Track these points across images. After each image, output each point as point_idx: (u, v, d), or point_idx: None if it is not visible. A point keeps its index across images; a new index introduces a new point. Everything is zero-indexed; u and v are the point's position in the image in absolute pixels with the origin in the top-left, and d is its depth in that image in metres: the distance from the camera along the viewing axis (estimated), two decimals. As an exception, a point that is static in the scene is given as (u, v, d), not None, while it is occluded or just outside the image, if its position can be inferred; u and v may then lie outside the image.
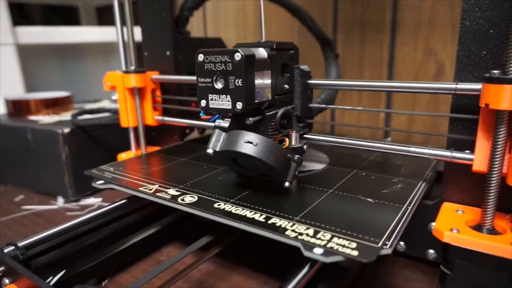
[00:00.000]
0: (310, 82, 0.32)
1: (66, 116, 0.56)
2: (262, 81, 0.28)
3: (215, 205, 0.27)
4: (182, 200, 0.28)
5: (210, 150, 0.29)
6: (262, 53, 0.28)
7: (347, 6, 0.62)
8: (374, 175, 0.33)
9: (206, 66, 0.27)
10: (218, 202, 0.28)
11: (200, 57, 0.28)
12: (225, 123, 0.29)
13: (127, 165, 0.38)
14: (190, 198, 0.28)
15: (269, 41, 0.29)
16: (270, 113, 0.29)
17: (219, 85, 0.27)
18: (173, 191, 0.30)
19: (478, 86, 0.24)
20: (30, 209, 0.47)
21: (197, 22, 0.85)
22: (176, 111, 0.45)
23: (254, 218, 0.25)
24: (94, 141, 0.51)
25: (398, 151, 0.29)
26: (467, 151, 0.27)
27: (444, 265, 0.26)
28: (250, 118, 0.28)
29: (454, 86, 0.26)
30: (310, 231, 0.23)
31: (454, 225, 0.26)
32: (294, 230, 0.23)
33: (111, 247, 0.32)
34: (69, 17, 1.11)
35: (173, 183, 0.32)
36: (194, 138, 0.50)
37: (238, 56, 0.25)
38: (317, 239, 0.22)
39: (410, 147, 0.29)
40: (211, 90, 0.27)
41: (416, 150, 0.28)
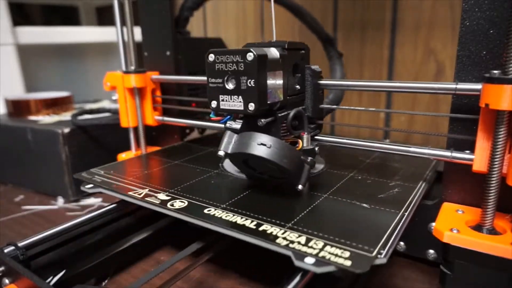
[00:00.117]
0: (321, 82, 0.31)
1: (66, 116, 0.56)
2: (274, 81, 0.27)
3: (205, 210, 0.26)
4: (172, 205, 0.27)
5: (221, 152, 0.28)
6: (274, 53, 0.27)
7: (347, 6, 0.62)
8: (371, 179, 0.32)
9: (217, 66, 0.27)
10: (209, 207, 0.27)
11: (210, 57, 0.27)
12: (236, 125, 0.29)
13: (119, 168, 0.37)
14: (180, 203, 0.28)
15: (280, 40, 0.29)
16: (282, 114, 0.28)
17: (231, 85, 0.26)
18: (163, 196, 0.29)
19: (478, 86, 0.24)
20: (30, 209, 0.47)
21: (197, 22, 0.85)
22: (176, 111, 0.45)
23: (244, 225, 0.24)
24: (94, 141, 0.51)
25: (398, 151, 0.29)
26: (467, 151, 0.27)
27: (444, 265, 0.26)
28: (262, 120, 0.27)
29: (454, 86, 0.26)
30: (302, 239, 0.22)
31: (454, 225, 0.26)
32: (285, 238, 0.22)
33: (111, 247, 0.32)
34: (69, 17, 1.11)
35: (163, 187, 0.31)
36: (194, 138, 0.50)
37: (250, 56, 0.25)
38: (309, 248, 0.21)
39: (410, 147, 0.29)
40: (222, 91, 0.27)
41: (416, 150, 0.28)
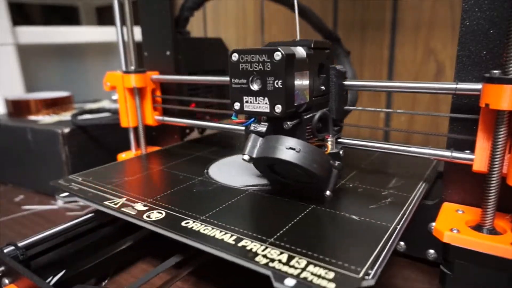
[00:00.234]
0: (346, 83, 0.30)
1: (66, 116, 0.56)
2: (301, 82, 0.26)
3: (183, 223, 0.25)
4: (148, 216, 0.26)
5: (246, 157, 0.27)
6: (301, 52, 0.26)
7: (347, 6, 0.62)
8: (362, 187, 0.31)
9: (241, 66, 0.25)
10: (187, 219, 0.25)
11: (234, 56, 0.26)
12: (262, 127, 0.27)
13: (100, 174, 0.35)
14: (157, 214, 0.26)
15: (305, 39, 0.27)
16: (308, 116, 0.27)
17: (256, 86, 0.25)
18: (140, 206, 0.28)
19: (478, 86, 0.24)
20: (30, 209, 0.47)
21: (197, 22, 0.85)
22: (176, 111, 0.45)
23: (223, 240, 0.22)
24: (94, 141, 0.51)
25: (398, 151, 0.29)
26: (467, 151, 0.27)
27: (444, 265, 0.26)
28: (288, 122, 0.26)
29: (454, 86, 0.26)
30: (284, 257, 0.20)
31: (454, 225, 0.26)
32: (265, 256, 0.21)
33: (111, 247, 0.32)
34: (69, 17, 1.11)
35: (142, 196, 0.29)
36: (194, 138, 0.50)
37: (278, 55, 0.24)
38: (290, 267, 0.19)
39: (410, 147, 0.29)
40: (247, 92, 0.26)
41: (416, 150, 0.28)
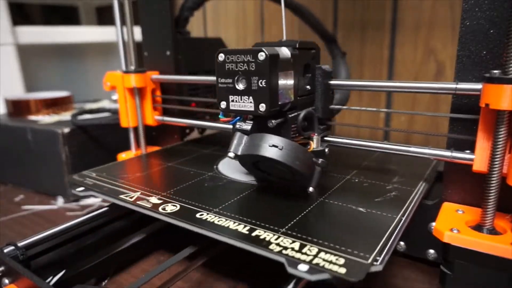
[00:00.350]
0: (331, 82, 0.31)
1: (66, 116, 0.56)
2: (285, 81, 0.27)
3: (198, 215, 0.26)
4: (163, 209, 0.27)
5: (231, 154, 0.27)
6: (286, 52, 0.27)
7: (347, 6, 0.62)
8: (368, 182, 0.32)
9: (227, 66, 0.26)
10: (201, 211, 0.26)
11: (220, 56, 0.26)
12: (247, 126, 0.28)
13: (112, 170, 0.36)
14: (172, 207, 0.27)
15: (291, 40, 0.28)
16: (293, 115, 0.28)
17: (241, 86, 0.26)
18: (154, 199, 0.29)
19: (478, 86, 0.24)
20: (30, 209, 0.47)
21: (197, 22, 0.85)
22: (176, 111, 0.45)
23: (237, 230, 0.23)
24: (94, 141, 0.51)
25: (398, 151, 0.29)
26: (467, 151, 0.27)
27: (444, 265, 0.26)
28: (273, 121, 0.26)
29: (454, 86, 0.26)
30: (296, 245, 0.22)
31: (454, 225, 0.26)
32: (278, 244, 0.22)
33: (111, 247, 0.32)
34: (69, 17, 1.11)
35: (156, 190, 0.30)
36: (194, 138, 0.50)
37: (262, 55, 0.24)
38: (302, 254, 0.21)
39: (410, 147, 0.29)
40: (232, 91, 0.26)
41: (416, 150, 0.28)
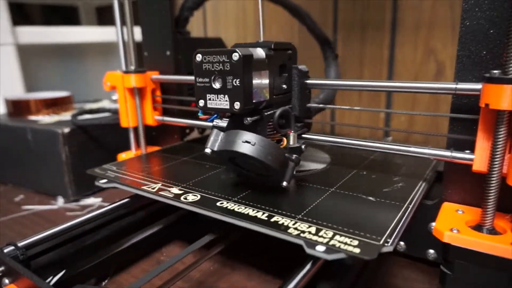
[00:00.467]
0: (308, 82, 0.32)
1: (66, 116, 0.56)
2: (260, 81, 0.28)
3: (218, 203, 0.27)
4: (185, 198, 0.28)
5: (208, 150, 0.29)
6: (260, 53, 0.28)
7: (347, 6, 0.62)
8: (375, 174, 0.33)
9: (204, 66, 0.27)
10: (221, 200, 0.28)
11: (198, 57, 0.27)
12: (223, 123, 0.29)
13: (129, 164, 0.38)
14: (193, 197, 0.29)
15: (267, 41, 0.29)
16: (268, 113, 0.29)
17: (217, 85, 0.27)
18: (176, 190, 0.30)
19: (478, 86, 0.24)
20: (30, 209, 0.47)
21: (197, 22, 0.85)
22: (176, 111, 0.45)
23: (256, 217, 0.25)
24: (94, 141, 0.51)
25: (398, 151, 0.29)
26: (467, 151, 0.27)
27: (444, 265, 0.26)
28: (248, 118, 0.28)
29: (454, 86, 0.26)
30: (312, 229, 0.23)
31: (454, 225, 0.26)
32: (296, 228, 0.23)
33: (111, 247, 0.32)
34: (69, 17, 1.11)
35: (175, 182, 0.32)
36: (194, 138, 0.50)
37: (236, 56, 0.25)
38: (319, 237, 0.22)
39: (410, 147, 0.29)
40: (209, 90, 0.27)
41: (416, 150, 0.28)
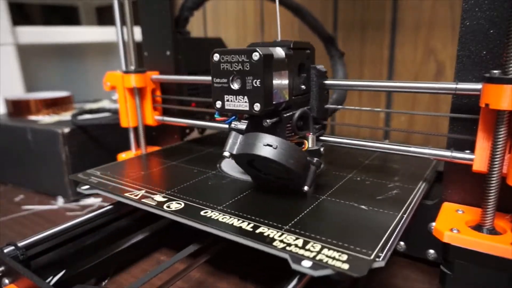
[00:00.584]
0: (326, 82, 0.31)
1: (66, 116, 0.56)
2: (280, 81, 0.27)
3: (202, 212, 0.26)
4: (168, 207, 0.27)
5: (226, 153, 0.28)
6: (280, 52, 0.27)
7: (347, 6, 0.62)
8: (369, 180, 0.32)
9: (222, 66, 0.26)
10: (205, 209, 0.27)
11: (215, 57, 0.26)
12: (242, 125, 0.28)
13: (116, 168, 0.37)
14: (176, 205, 0.28)
15: (285, 40, 0.29)
16: (287, 114, 0.28)
17: (236, 85, 0.26)
18: (159, 197, 0.29)
19: (478, 86, 0.24)
20: (30, 209, 0.47)
21: (197, 22, 0.85)
22: (176, 111, 0.45)
23: (241, 227, 0.24)
24: (94, 141, 0.51)
25: (398, 151, 0.29)
26: (467, 151, 0.27)
27: (444, 265, 0.26)
28: (268, 120, 0.27)
29: (454, 86, 0.26)
30: (299, 242, 0.22)
31: (454, 225, 0.26)
32: (282, 241, 0.22)
33: (111, 247, 0.32)
34: (69, 17, 1.11)
35: (160, 189, 0.31)
36: (194, 138, 0.50)
37: (256, 55, 0.25)
38: (306, 251, 0.21)
39: (410, 147, 0.29)
40: (227, 91, 0.26)
41: (416, 150, 0.28)
